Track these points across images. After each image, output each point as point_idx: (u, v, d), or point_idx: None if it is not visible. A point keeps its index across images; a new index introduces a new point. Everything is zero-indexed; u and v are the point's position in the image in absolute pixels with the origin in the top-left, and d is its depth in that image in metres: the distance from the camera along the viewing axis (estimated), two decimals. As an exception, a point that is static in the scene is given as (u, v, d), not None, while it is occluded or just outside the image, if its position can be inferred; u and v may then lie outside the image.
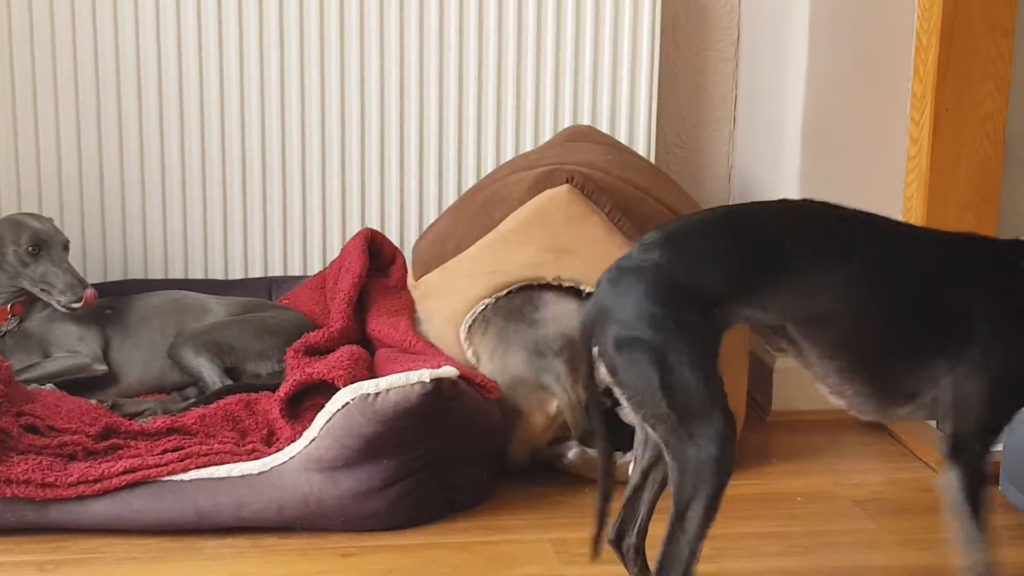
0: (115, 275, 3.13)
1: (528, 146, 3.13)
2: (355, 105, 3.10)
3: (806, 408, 2.91)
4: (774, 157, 3.05)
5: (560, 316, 2.50)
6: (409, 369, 2.31)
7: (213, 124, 3.08)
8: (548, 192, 2.48)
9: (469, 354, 2.55)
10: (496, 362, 2.51)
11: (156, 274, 3.14)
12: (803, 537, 2.29)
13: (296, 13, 3.04)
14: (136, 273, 3.13)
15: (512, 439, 2.48)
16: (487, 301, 2.53)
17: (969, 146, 2.80)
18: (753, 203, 1.93)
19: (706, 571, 2.13)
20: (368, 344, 2.71)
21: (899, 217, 2.91)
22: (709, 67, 3.30)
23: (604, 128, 3.15)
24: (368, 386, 2.23)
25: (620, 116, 3.15)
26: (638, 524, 1.94)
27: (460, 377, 2.30)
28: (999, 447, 2.53)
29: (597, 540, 1.90)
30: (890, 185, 2.90)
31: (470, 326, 2.54)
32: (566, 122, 3.14)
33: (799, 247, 1.78)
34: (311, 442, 2.24)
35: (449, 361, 2.43)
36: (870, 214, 1.88)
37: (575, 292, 2.50)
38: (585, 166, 2.57)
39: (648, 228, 2.45)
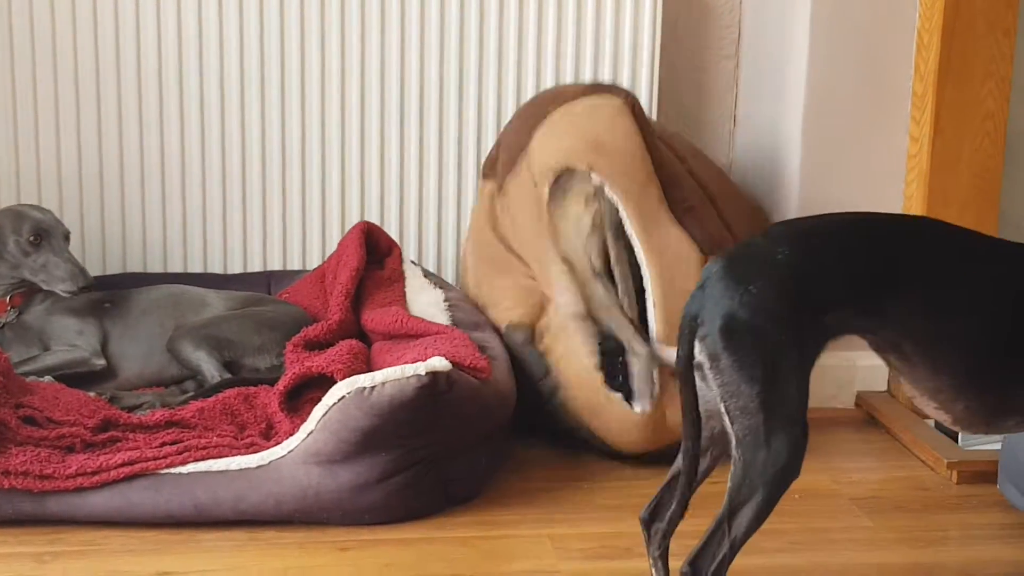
0: (114, 268, 3.12)
1: (528, 142, 3.13)
2: (355, 98, 3.10)
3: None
4: (774, 155, 3.04)
5: None
6: (403, 361, 2.31)
7: (212, 118, 3.08)
8: (605, 96, 2.61)
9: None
10: None
11: (155, 268, 3.14)
12: (801, 534, 2.29)
13: (296, 6, 3.04)
14: (135, 267, 3.13)
15: None
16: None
17: (970, 145, 2.80)
18: (882, 214, 1.91)
19: (704, 567, 2.14)
20: (366, 337, 2.71)
21: (899, 216, 2.92)
22: (710, 65, 3.30)
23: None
24: (364, 380, 2.23)
25: (621, 113, 3.15)
26: (672, 509, 1.91)
27: (453, 365, 2.30)
28: (997, 446, 2.54)
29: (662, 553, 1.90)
30: (890, 183, 2.90)
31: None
32: (566, 118, 3.14)
33: (924, 264, 1.76)
34: (308, 436, 2.24)
35: (440, 341, 2.42)
36: (980, 233, 1.87)
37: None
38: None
39: (663, 168, 2.54)
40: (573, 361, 2.55)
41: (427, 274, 2.93)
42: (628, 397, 2.53)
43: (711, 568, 1.75)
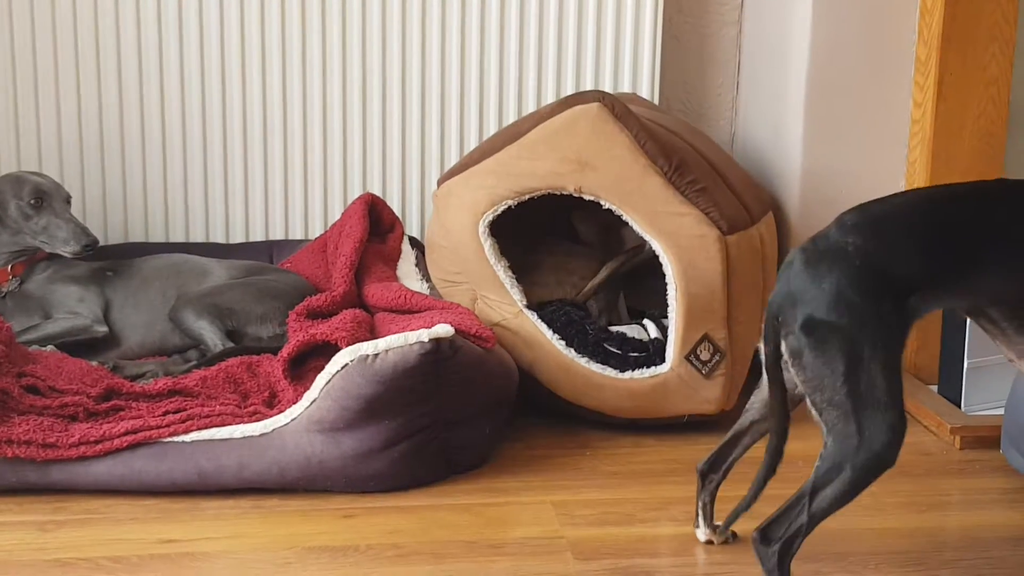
0: (116, 238, 3.12)
1: (530, 108, 3.12)
2: (357, 66, 3.08)
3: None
4: (777, 122, 3.03)
5: None
6: (407, 329, 2.31)
7: (214, 87, 3.06)
8: (579, 107, 2.55)
9: (487, 246, 2.58)
10: None
11: (157, 237, 3.13)
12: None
13: (297, -25, 3.03)
14: (137, 236, 3.13)
15: None
16: (510, 202, 2.58)
17: (973, 110, 2.78)
18: (951, 186, 1.91)
19: (708, 532, 2.15)
20: (367, 309, 2.71)
21: (902, 181, 2.91)
22: (712, 32, 3.29)
23: (607, 90, 3.13)
24: (367, 347, 2.23)
25: (623, 80, 3.14)
26: (727, 464, 2.05)
27: (457, 332, 2.29)
28: (1000, 411, 2.54)
29: (744, 510, 1.93)
30: (893, 149, 2.89)
31: (490, 222, 2.59)
32: (568, 85, 3.13)
33: (1000, 228, 1.76)
34: (311, 404, 2.24)
35: (445, 314, 2.42)
36: None
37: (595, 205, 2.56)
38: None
39: (672, 156, 2.52)
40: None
41: (419, 262, 2.92)
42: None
43: (784, 536, 1.77)
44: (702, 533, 2.10)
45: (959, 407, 2.68)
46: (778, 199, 3.00)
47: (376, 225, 2.93)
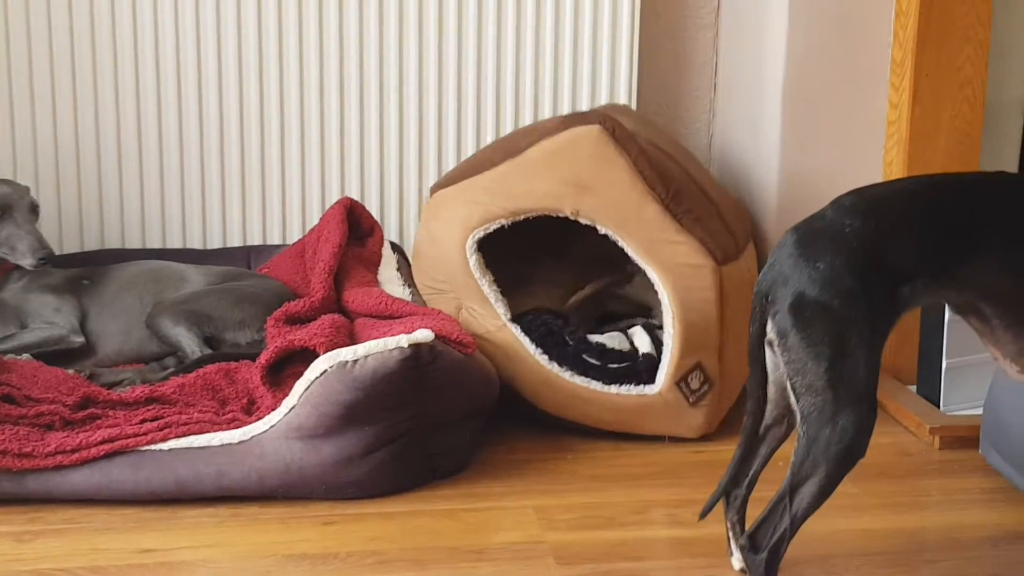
0: (92, 244, 3.10)
1: (508, 114, 3.12)
2: (334, 71, 3.07)
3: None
4: (755, 124, 3.03)
5: None
6: (388, 335, 2.29)
7: (190, 91, 3.05)
8: (579, 128, 2.53)
9: (473, 261, 2.56)
10: None
11: (133, 243, 3.11)
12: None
13: (273, -21, 3.02)
14: (113, 243, 3.11)
15: None
16: (503, 221, 2.55)
17: (949, 111, 2.79)
18: (951, 175, 1.88)
19: (691, 536, 2.16)
20: (347, 314, 2.70)
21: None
22: (689, 35, 3.29)
23: (584, 97, 3.13)
24: (346, 353, 2.22)
25: (601, 85, 3.14)
26: (750, 476, 1.94)
27: (437, 337, 2.28)
28: (978, 411, 2.55)
29: (718, 501, 1.90)
30: (870, 151, 2.89)
31: (479, 239, 2.57)
32: (547, 91, 3.12)
33: (999, 224, 1.74)
34: (291, 410, 2.23)
35: (426, 319, 2.41)
36: None
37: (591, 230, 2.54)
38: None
39: (670, 183, 2.51)
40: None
41: (400, 266, 2.90)
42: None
43: (770, 541, 1.75)
44: (736, 561, 1.97)
45: (938, 407, 2.68)
46: (756, 201, 3.01)
47: (355, 229, 2.92)
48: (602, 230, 2.52)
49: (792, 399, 1.73)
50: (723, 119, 3.25)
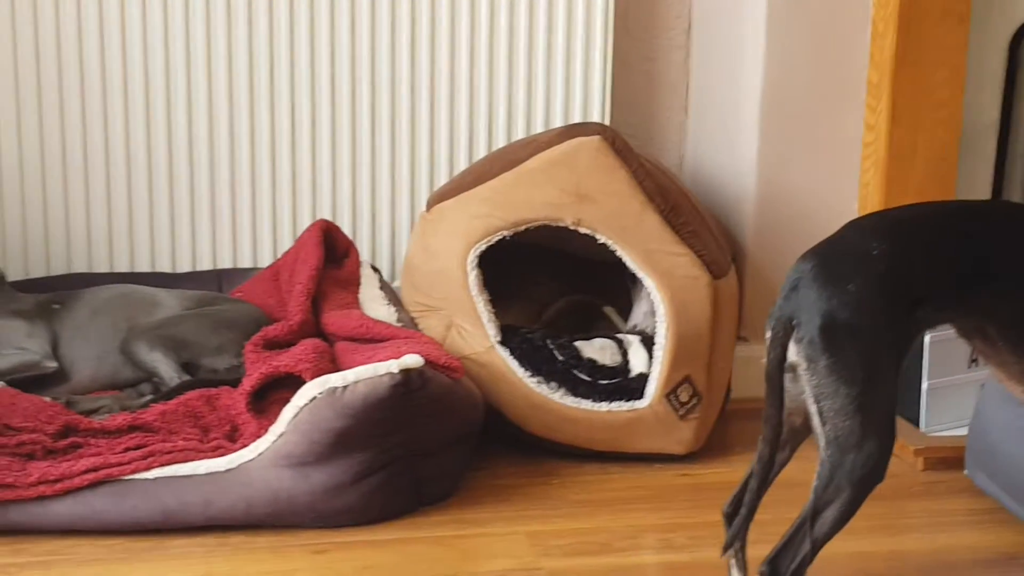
0: (58, 269, 3.03)
1: (481, 133, 3.10)
2: (305, 92, 3.03)
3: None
4: (730, 146, 3.04)
5: None
6: (373, 360, 2.27)
7: (159, 111, 2.99)
8: (579, 139, 2.54)
9: (472, 277, 2.55)
10: None
11: (101, 267, 3.04)
12: (775, 525, 2.25)
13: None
14: (80, 266, 3.04)
15: None
16: (505, 233, 2.55)
17: (926, 134, 2.81)
18: (966, 201, 1.91)
19: (684, 560, 2.15)
20: (325, 338, 2.66)
21: (855, 204, 2.93)
22: (661, 55, 3.29)
23: (557, 117, 3.12)
24: (336, 379, 2.20)
25: (574, 104, 3.12)
26: (742, 514, 1.90)
27: (426, 363, 2.26)
28: (961, 431, 2.57)
29: (738, 531, 1.87)
30: (847, 172, 2.91)
31: (480, 252, 2.56)
32: (520, 110, 3.11)
33: (1012, 248, 1.75)
34: (279, 438, 2.20)
35: (411, 344, 2.38)
36: None
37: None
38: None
39: (668, 195, 2.53)
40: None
41: (383, 285, 2.87)
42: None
43: (791, 568, 1.74)
44: None
45: (919, 428, 2.69)
46: (732, 222, 3.01)
47: (331, 251, 2.88)
48: (601, 239, 2.53)
49: (816, 424, 1.72)
50: (696, 140, 3.26)
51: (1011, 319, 1.77)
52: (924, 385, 2.68)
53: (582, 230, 2.53)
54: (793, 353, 1.72)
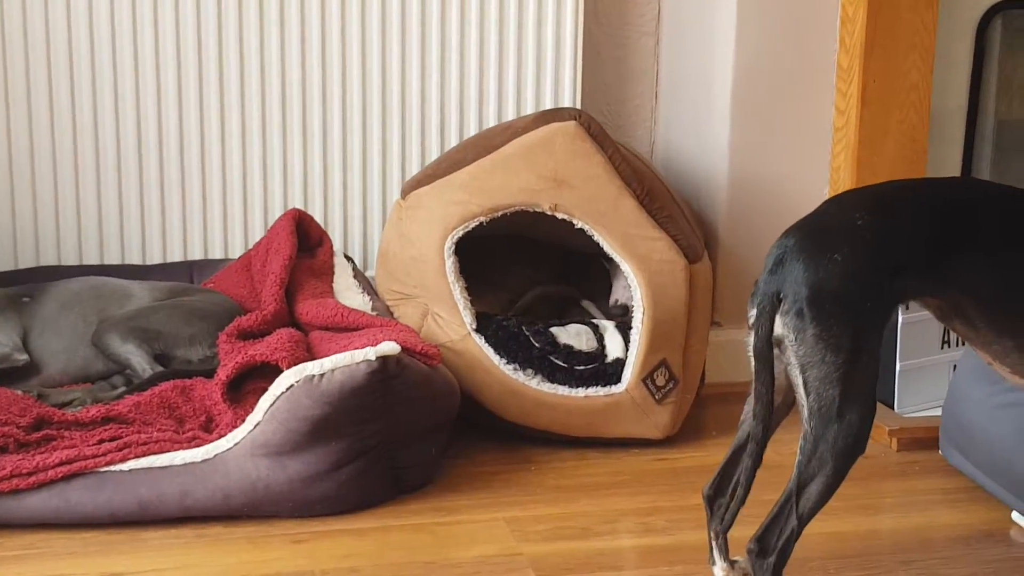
0: (27, 261, 2.99)
1: (453, 122, 3.09)
2: (275, 81, 3.01)
3: (739, 380, 2.91)
4: (701, 131, 3.05)
5: None
6: (349, 348, 2.26)
7: (127, 101, 2.96)
8: (555, 124, 2.54)
9: (450, 264, 2.54)
10: None
11: (70, 260, 3.01)
12: (752, 506, 2.24)
13: (212, -12, 2.95)
14: (49, 259, 3.00)
15: None
16: (482, 219, 2.55)
17: (896, 117, 2.83)
18: (944, 178, 1.92)
19: (664, 543, 2.16)
20: (299, 327, 2.64)
21: (826, 188, 2.94)
22: (630, 42, 3.29)
23: (528, 104, 3.11)
24: (312, 367, 2.18)
25: (545, 90, 3.12)
26: (733, 483, 1.90)
27: (403, 350, 2.25)
28: (935, 411, 2.58)
29: (736, 513, 1.85)
30: (818, 156, 2.92)
31: (457, 239, 2.56)
32: (491, 98, 3.10)
33: (988, 224, 1.76)
34: (255, 427, 2.18)
35: (387, 331, 2.36)
36: None
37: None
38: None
39: (644, 181, 2.54)
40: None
41: (357, 274, 2.85)
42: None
43: (779, 544, 1.74)
44: (719, 571, 1.92)
45: (892, 409, 2.71)
46: (704, 208, 3.02)
47: (304, 240, 2.86)
48: (578, 224, 2.53)
49: (801, 395, 1.73)
50: (666, 126, 3.26)
51: (988, 295, 1.79)
52: (897, 367, 2.70)
53: (559, 215, 2.53)
54: (779, 326, 1.73)
